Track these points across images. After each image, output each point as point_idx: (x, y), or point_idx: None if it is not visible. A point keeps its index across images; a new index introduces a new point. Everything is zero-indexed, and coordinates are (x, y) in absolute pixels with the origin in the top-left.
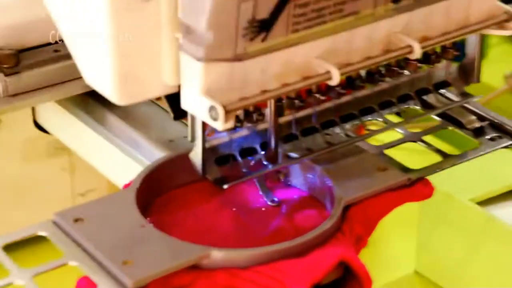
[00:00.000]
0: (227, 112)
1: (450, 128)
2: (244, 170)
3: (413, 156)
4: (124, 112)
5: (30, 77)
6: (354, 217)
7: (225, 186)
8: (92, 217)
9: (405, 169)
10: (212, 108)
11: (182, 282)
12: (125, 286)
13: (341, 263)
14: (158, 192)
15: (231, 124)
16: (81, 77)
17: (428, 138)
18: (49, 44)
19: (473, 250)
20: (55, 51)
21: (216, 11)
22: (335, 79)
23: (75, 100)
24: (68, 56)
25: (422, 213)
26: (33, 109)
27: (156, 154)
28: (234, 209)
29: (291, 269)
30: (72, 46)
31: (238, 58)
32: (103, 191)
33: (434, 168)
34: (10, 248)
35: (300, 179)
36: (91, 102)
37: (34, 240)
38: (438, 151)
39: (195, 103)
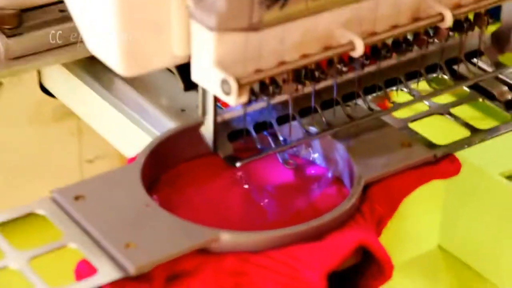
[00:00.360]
0: (241, 86)
1: (480, 99)
2: (259, 146)
3: (440, 130)
4: (133, 78)
5: (33, 39)
6: (375, 197)
7: (238, 164)
8: (94, 194)
9: (431, 145)
10: (224, 81)
11: (188, 267)
12: (127, 271)
13: (360, 247)
14: (165, 167)
15: (245, 98)
16: None
17: (456, 110)
18: (54, 3)
19: (501, 226)
20: (60, 11)
21: None
22: (359, 50)
23: (82, 63)
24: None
25: (449, 187)
26: (39, 72)
27: (166, 124)
28: (246, 186)
29: (305, 254)
30: (74, 11)
31: (253, 27)
32: (112, 158)
33: (462, 144)
34: (5, 226)
35: (319, 155)
36: (98, 66)
37: (32, 217)
38: (467, 125)
39: (206, 76)
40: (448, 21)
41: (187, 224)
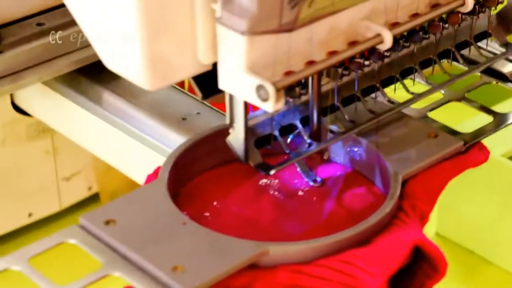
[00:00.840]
0: (278, 90)
1: (494, 82)
2: (287, 151)
3: (459, 117)
4: (123, 89)
5: (13, 56)
6: (414, 193)
7: (272, 172)
8: (124, 217)
9: (457, 133)
10: (260, 87)
11: (239, 284)
12: None
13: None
14: (182, 181)
15: (281, 103)
16: (69, 52)
17: (470, 95)
18: (30, 16)
19: (503, 209)
20: (38, 24)
21: None
22: (388, 42)
23: (63, 78)
24: (53, 29)
25: None
26: None
27: (168, 134)
28: (273, 192)
29: (362, 260)
30: (88, 28)
31: (284, 29)
32: (89, 174)
33: (488, 130)
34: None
35: (341, 153)
36: (82, 80)
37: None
38: (486, 109)
39: (238, 83)
40: (470, 4)
41: (231, 239)
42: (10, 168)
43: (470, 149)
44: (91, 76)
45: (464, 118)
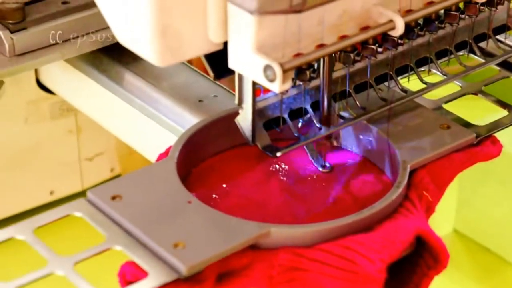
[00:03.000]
0: (285, 71)
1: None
2: (295, 134)
3: (475, 110)
4: (144, 70)
5: (37, 33)
6: (421, 183)
7: (278, 154)
8: (131, 193)
9: (470, 126)
10: (268, 68)
11: (239, 264)
12: (179, 272)
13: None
14: (195, 162)
15: (288, 85)
16: (94, 32)
17: (487, 89)
18: None
19: None
20: (63, 3)
21: None
22: (400, 28)
23: (85, 58)
24: (78, 8)
25: None
26: (35, 68)
27: (185, 116)
28: (282, 178)
29: (362, 247)
30: (102, 4)
31: (295, 9)
32: (112, 155)
33: (501, 124)
34: (40, 230)
35: (352, 140)
36: (104, 60)
37: (66, 220)
38: (502, 103)
39: (246, 62)
40: None
41: (235, 219)
42: (33, 146)
43: (483, 142)
44: (113, 55)
45: (480, 112)
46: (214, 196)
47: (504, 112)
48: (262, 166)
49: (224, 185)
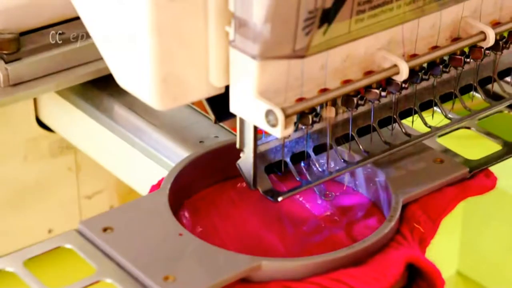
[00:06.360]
0: (287, 117)
1: (506, 112)
2: (297, 179)
3: (468, 144)
4: (143, 109)
5: (32, 63)
6: (413, 217)
7: (280, 199)
8: (122, 225)
9: (464, 160)
10: (269, 113)
11: None
12: None
13: (405, 269)
14: (187, 193)
15: (291, 130)
16: (89, 62)
17: (483, 123)
18: (51, 25)
19: None
20: (59, 33)
21: (276, 1)
22: (404, 73)
23: (82, 93)
24: (73, 39)
25: (468, 209)
26: (35, 105)
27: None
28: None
29: (353, 279)
30: (101, 44)
31: (298, 55)
32: (111, 194)
33: (496, 158)
34: (30, 262)
35: (362, 184)
36: (104, 98)
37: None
38: (496, 138)
39: (248, 107)
40: (491, 39)
41: (225, 252)
42: (32, 184)
43: (477, 176)
44: (113, 94)
45: (473, 145)
46: (205, 228)
47: (497, 146)
48: (256, 199)
49: (216, 217)
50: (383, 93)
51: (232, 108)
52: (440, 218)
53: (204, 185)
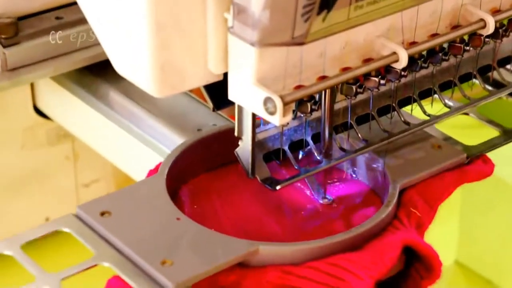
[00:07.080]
0: (285, 104)
1: (504, 98)
2: (296, 167)
3: (467, 130)
4: (141, 96)
5: (30, 48)
6: (410, 202)
7: (278, 187)
8: (120, 209)
9: (462, 146)
10: (268, 100)
11: (227, 282)
12: None
13: (402, 253)
14: (185, 178)
15: (289, 118)
16: (87, 47)
17: (481, 109)
18: (50, 10)
19: None
20: (56, 18)
21: None
22: (403, 61)
23: (80, 80)
24: (72, 24)
25: (466, 199)
26: (32, 93)
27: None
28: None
29: (351, 264)
30: (100, 32)
31: (296, 42)
32: (109, 182)
33: (493, 143)
34: (29, 246)
35: (362, 171)
36: (102, 84)
37: (54, 235)
38: (495, 124)
39: (246, 94)
40: (491, 27)
41: (223, 237)
42: (29, 173)
43: (475, 162)
44: (110, 80)
45: (473, 134)
46: (203, 213)
47: (495, 132)
48: (253, 184)
49: (213, 202)
50: (382, 81)
51: (231, 96)
52: (437, 203)
53: (202, 170)
